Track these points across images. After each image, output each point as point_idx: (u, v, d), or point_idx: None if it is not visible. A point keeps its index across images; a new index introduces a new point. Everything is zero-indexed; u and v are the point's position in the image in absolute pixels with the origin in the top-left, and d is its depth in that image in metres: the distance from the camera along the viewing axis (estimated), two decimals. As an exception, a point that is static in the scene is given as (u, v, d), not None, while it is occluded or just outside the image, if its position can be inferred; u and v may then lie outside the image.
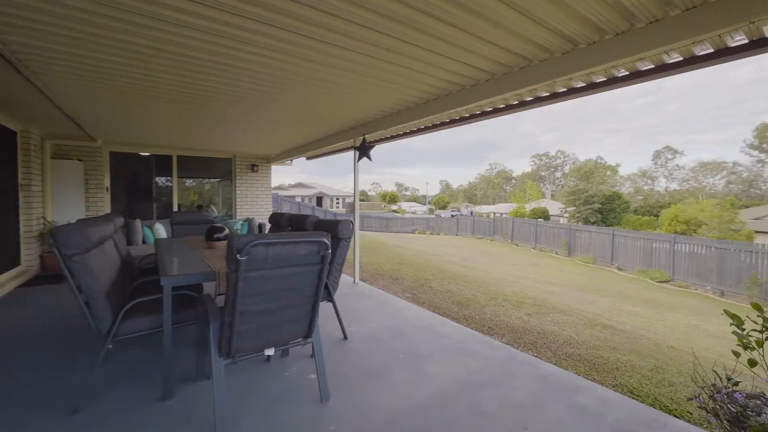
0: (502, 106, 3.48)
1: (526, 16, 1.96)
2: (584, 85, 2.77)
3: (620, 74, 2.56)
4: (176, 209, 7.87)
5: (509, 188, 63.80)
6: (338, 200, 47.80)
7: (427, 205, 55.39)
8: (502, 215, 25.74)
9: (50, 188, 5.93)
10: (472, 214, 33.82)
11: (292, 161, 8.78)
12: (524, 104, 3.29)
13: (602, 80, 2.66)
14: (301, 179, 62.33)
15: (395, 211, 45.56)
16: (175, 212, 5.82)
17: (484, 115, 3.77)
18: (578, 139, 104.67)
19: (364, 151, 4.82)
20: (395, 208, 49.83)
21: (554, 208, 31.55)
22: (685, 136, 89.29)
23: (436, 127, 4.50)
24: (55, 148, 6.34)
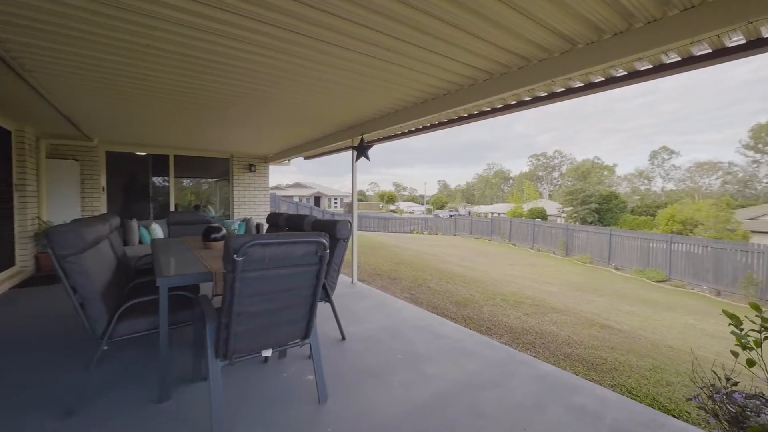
0: (500, 105, 3.48)
1: (525, 15, 1.95)
2: (582, 85, 2.77)
3: (618, 74, 2.56)
4: (173, 209, 7.83)
5: (507, 188, 63.98)
6: (336, 200, 47.76)
7: (425, 205, 55.42)
8: (499, 215, 25.80)
9: (45, 188, 5.88)
10: (470, 214, 33.88)
11: (289, 161, 8.76)
12: (522, 104, 3.29)
13: (600, 80, 2.66)
14: (298, 179, 62.31)
15: (393, 211, 45.55)
16: (172, 212, 5.79)
17: (482, 114, 3.77)
18: (575, 139, 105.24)
19: (362, 150, 4.81)
20: (393, 208, 49.81)
21: (552, 208, 31.67)
22: (681, 136, 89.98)
23: (434, 127, 4.49)
24: (50, 147, 6.29)
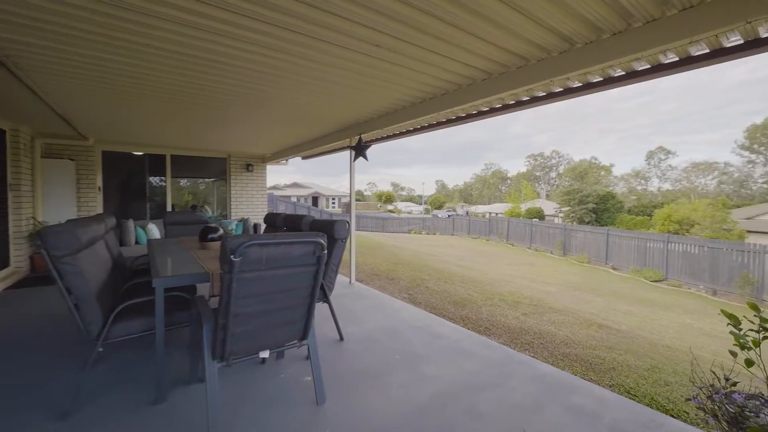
0: (498, 105, 3.47)
1: (525, 15, 1.95)
2: (580, 85, 2.77)
3: (616, 74, 2.56)
4: (170, 209, 7.78)
5: (505, 188, 64.14)
6: (334, 200, 47.69)
7: (423, 205, 55.46)
8: (497, 215, 25.85)
9: (41, 188, 5.83)
10: (467, 214, 33.93)
11: (287, 161, 8.73)
12: (521, 104, 3.28)
13: (598, 80, 2.66)
14: (296, 179, 62.21)
15: (391, 211, 45.52)
16: (168, 212, 5.75)
17: (480, 114, 3.76)
18: (573, 139, 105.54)
19: (360, 150, 4.80)
20: (391, 208, 49.77)
21: (549, 208, 31.76)
22: (677, 136, 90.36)
23: (432, 126, 4.49)
24: (45, 147, 6.24)
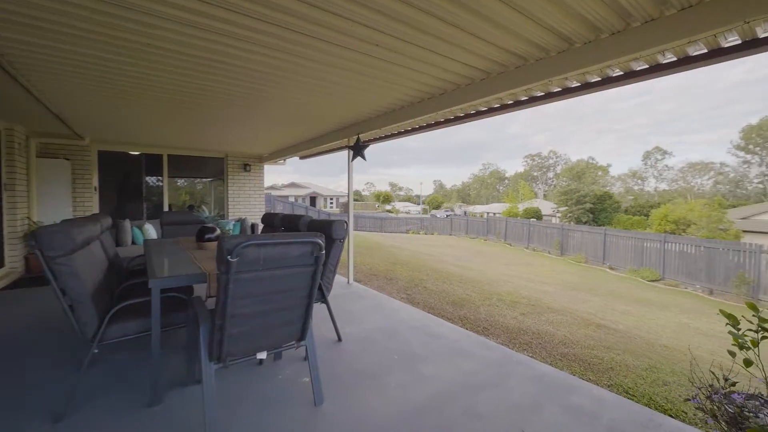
0: (497, 105, 3.47)
1: (525, 15, 1.95)
2: (579, 84, 2.77)
3: (615, 74, 2.56)
4: (167, 209, 7.74)
5: (502, 188, 64.24)
6: (332, 200, 47.65)
7: (420, 205, 55.49)
8: (495, 215, 25.89)
9: (36, 188, 5.77)
10: (465, 213, 33.99)
11: (285, 161, 8.70)
12: (519, 104, 3.28)
13: (597, 80, 2.66)
14: (294, 179, 62.09)
15: (389, 211, 45.52)
16: (165, 212, 5.71)
17: (479, 114, 3.76)
18: (570, 139, 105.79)
19: (358, 150, 4.79)
20: (389, 208, 49.78)
21: (547, 207, 31.87)
22: (675, 136, 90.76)
23: (431, 126, 4.48)
24: (41, 146, 6.18)
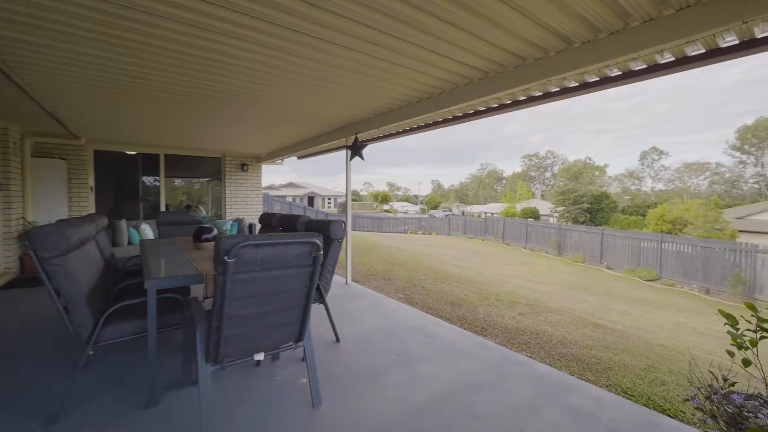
0: (495, 105, 3.46)
1: (524, 15, 1.94)
2: (577, 84, 2.76)
3: (613, 74, 2.56)
4: (164, 209, 7.69)
5: (500, 188, 64.36)
6: (330, 200, 47.57)
7: (419, 205, 55.50)
8: (493, 215, 25.92)
9: (31, 188, 5.72)
10: (463, 213, 34.02)
11: (283, 161, 8.67)
12: (517, 104, 3.27)
13: (595, 80, 2.66)
14: (292, 179, 61.96)
15: (387, 211, 45.53)
16: (162, 212, 5.69)
17: (477, 114, 3.75)
18: (567, 139, 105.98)
19: (356, 150, 4.77)
20: (387, 208, 49.80)
21: (544, 207, 31.90)
22: (672, 137, 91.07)
23: (429, 126, 4.47)
24: (36, 146, 6.13)
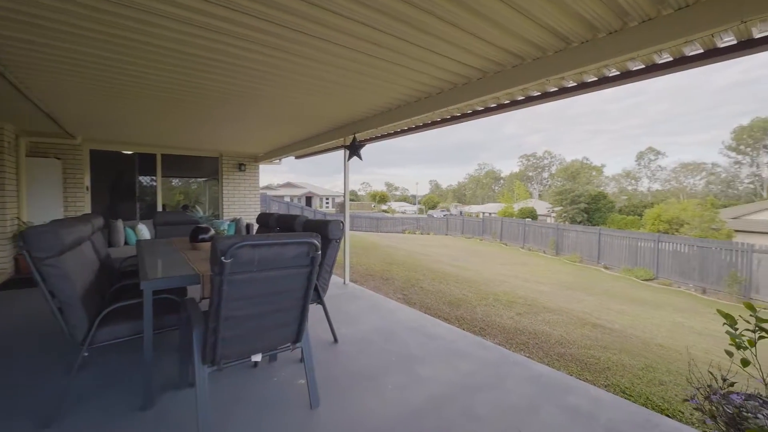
0: (493, 105, 3.46)
1: (523, 14, 1.94)
2: (575, 84, 2.76)
3: (611, 74, 2.56)
4: (160, 209, 7.65)
5: (498, 188, 64.48)
6: (328, 200, 47.50)
7: (417, 205, 55.53)
8: (491, 215, 25.97)
9: (26, 188, 5.67)
10: (461, 213, 34.04)
11: (280, 160, 8.64)
12: (515, 103, 3.27)
13: (593, 80, 2.66)
14: (290, 179, 61.82)
15: (385, 211, 45.51)
16: (159, 212, 5.65)
17: (475, 114, 3.75)
18: (565, 139, 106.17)
19: (354, 149, 4.76)
20: (385, 208, 49.77)
21: (542, 207, 32.00)
22: (667, 137, 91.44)
23: (427, 126, 4.46)
24: (31, 145, 6.08)
